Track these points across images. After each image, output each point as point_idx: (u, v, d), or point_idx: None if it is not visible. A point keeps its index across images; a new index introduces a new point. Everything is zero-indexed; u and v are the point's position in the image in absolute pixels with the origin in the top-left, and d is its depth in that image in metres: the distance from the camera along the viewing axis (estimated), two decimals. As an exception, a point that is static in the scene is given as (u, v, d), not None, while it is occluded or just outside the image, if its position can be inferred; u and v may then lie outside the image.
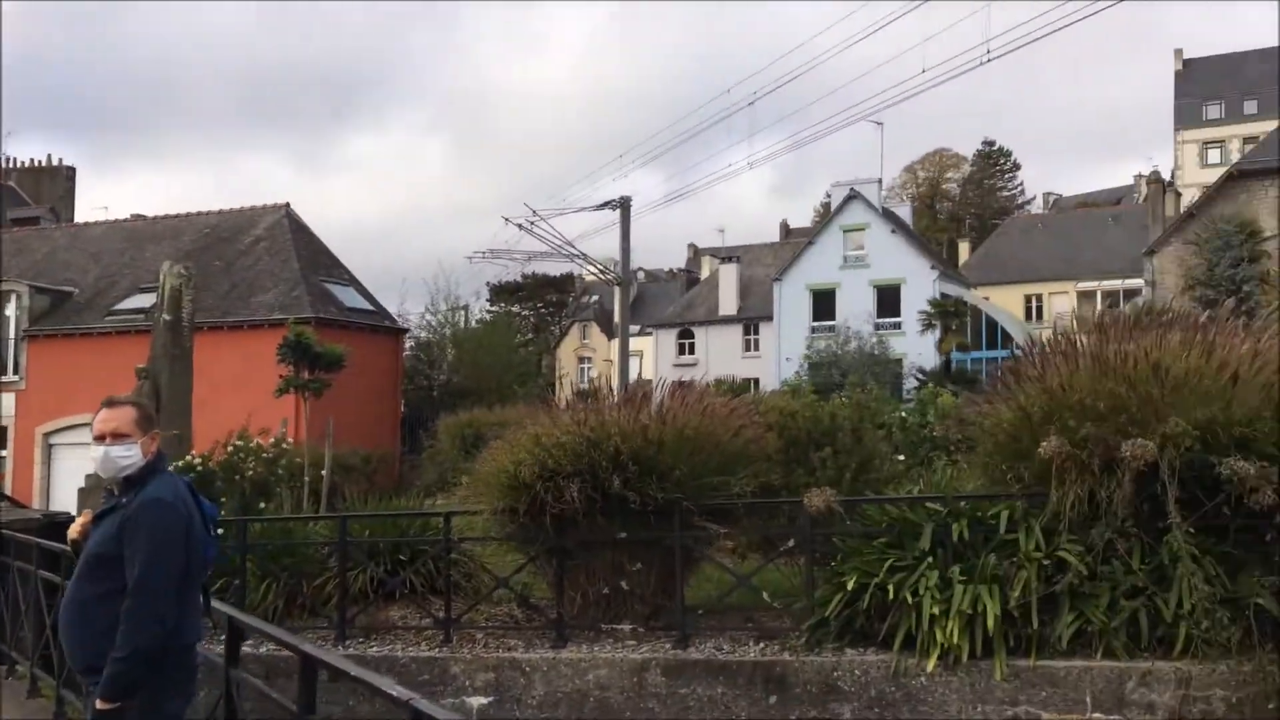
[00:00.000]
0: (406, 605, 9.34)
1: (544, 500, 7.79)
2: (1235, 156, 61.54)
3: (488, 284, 73.60)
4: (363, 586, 9.25)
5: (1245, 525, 6.36)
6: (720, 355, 58.54)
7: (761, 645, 7.65)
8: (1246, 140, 67.45)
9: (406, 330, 36.07)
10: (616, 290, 38.87)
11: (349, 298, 30.00)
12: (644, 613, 8.27)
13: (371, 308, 31.04)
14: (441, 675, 8.03)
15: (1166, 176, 59.80)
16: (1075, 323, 7.93)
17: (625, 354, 31.70)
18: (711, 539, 8.31)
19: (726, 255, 65.70)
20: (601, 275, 35.79)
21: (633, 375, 35.82)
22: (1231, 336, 6.94)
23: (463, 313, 42.37)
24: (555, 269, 76.32)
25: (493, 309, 69.12)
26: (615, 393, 9.43)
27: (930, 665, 6.76)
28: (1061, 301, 60.52)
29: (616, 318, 45.83)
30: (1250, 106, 76.29)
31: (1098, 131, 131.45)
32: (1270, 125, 53.53)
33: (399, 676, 8.03)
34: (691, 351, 62.17)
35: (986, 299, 56.05)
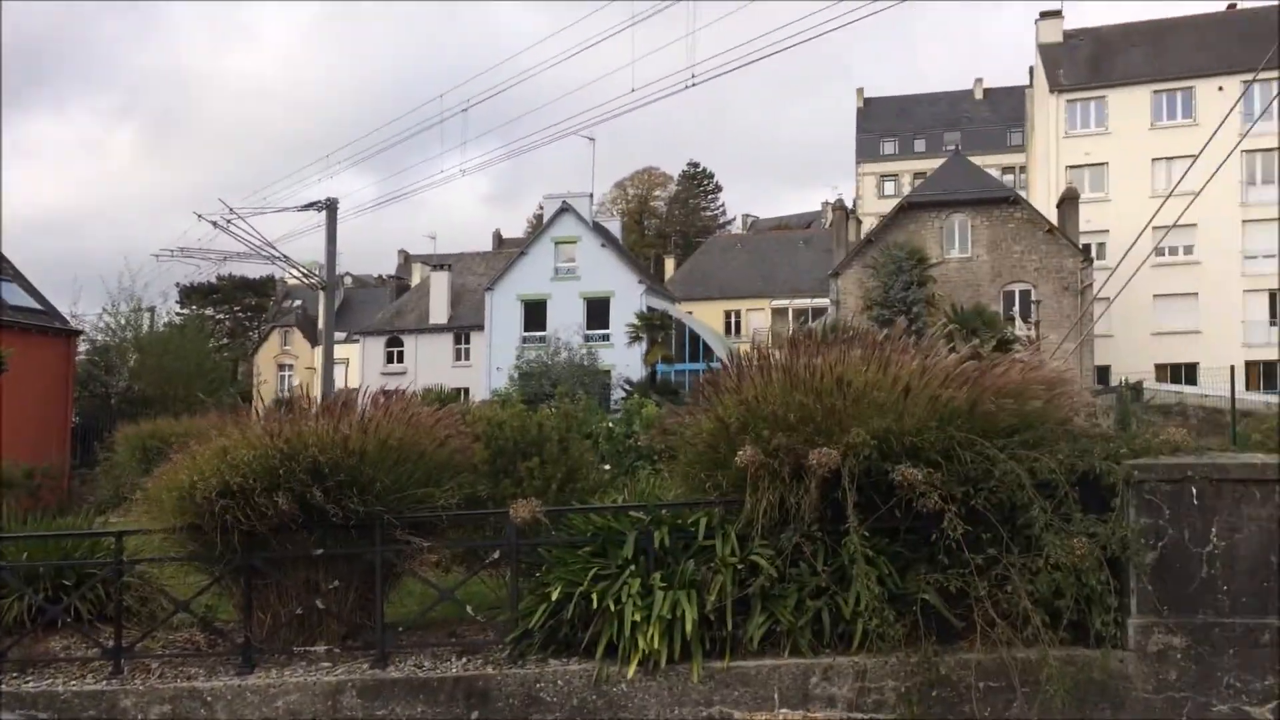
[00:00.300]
0: (71, 635, 8.44)
1: (231, 517, 7.28)
2: (907, 189, 67.75)
3: (177, 285, 68.86)
4: (19, 615, 8.27)
5: (913, 527, 6.88)
6: (430, 364, 57.70)
7: (464, 660, 7.50)
8: (916, 175, 74.55)
9: (80, 333, 32.99)
10: (321, 295, 37.35)
11: (12, 295, 27.08)
12: (340, 632, 7.90)
13: (39, 306, 28.16)
14: (110, 710, 7.30)
15: (849, 205, 64.84)
16: (769, 338, 8.34)
17: (329, 361, 30.54)
18: (414, 553, 8.06)
19: (438, 263, 64.89)
20: (305, 279, 34.27)
21: (338, 384, 34.54)
22: (904, 353, 7.49)
23: (148, 315, 39.31)
24: (255, 271, 72.55)
25: (183, 311, 64.69)
26: (316, 402, 8.94)
27: (631, 671, 6.85)
28: (758, 317, 64.26)
29: (321, 324, 44.01)
30: (920, 145, 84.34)
31: (792, 159, 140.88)
32: (936, 163, 59.36)
33: (59, 713, 7.25)
34: (400, 360, 60.84)
35: (690, 313, 58.48)
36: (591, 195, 59.08)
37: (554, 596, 7.12)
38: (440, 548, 8.38)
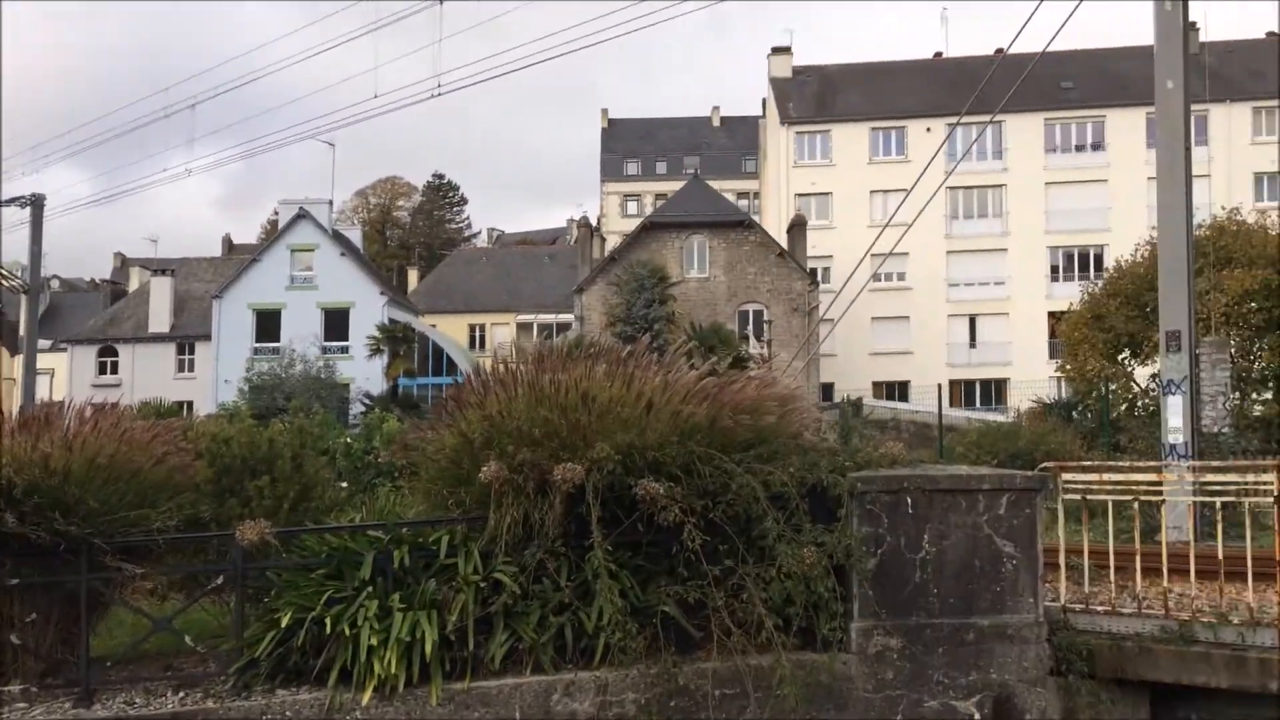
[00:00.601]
0: None
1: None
2: (650, 210, 69.69)
3: None
4: None
5: (655, 540, 7.01)
6: (149, 376, 53.97)
7: (182, 694, 6.95)
8: (658, 196, 76.75)
9: None
10: (24, 299, 34.09)
11: None
12: (39, 670, 7.13)
13: None
14: None
15: (594, 222, 66.00)
16: (514, 352, 8.27)
17: (31, 372, 27.92)
18: (126, 580, 7.41)
19: (160, 267, 60.82)
20: (4, 281, 31.14)
21: (41, 396, 31.62)
22: (647, 369, 7.63)
23: None
24: (-57, 270, 65.34)
25: None
26: (12, 416, 8.07)
27: (366, 698, 6.58)
28: (502, 331, 64.18)
29: (23, 330, 40.21)
30: (661, 167, 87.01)
31: (539, 175, 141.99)
32: (677, 185, 61.42)
33: None
34: (115, 371, 56.51)
35: (434, 326, 57.63)
36: (331, 202, 57.19)
37: (284, 622, 6.73)
38: (156, 574, 7.75)
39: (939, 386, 31.55)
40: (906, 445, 9.89)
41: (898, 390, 50.59)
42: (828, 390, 46.92)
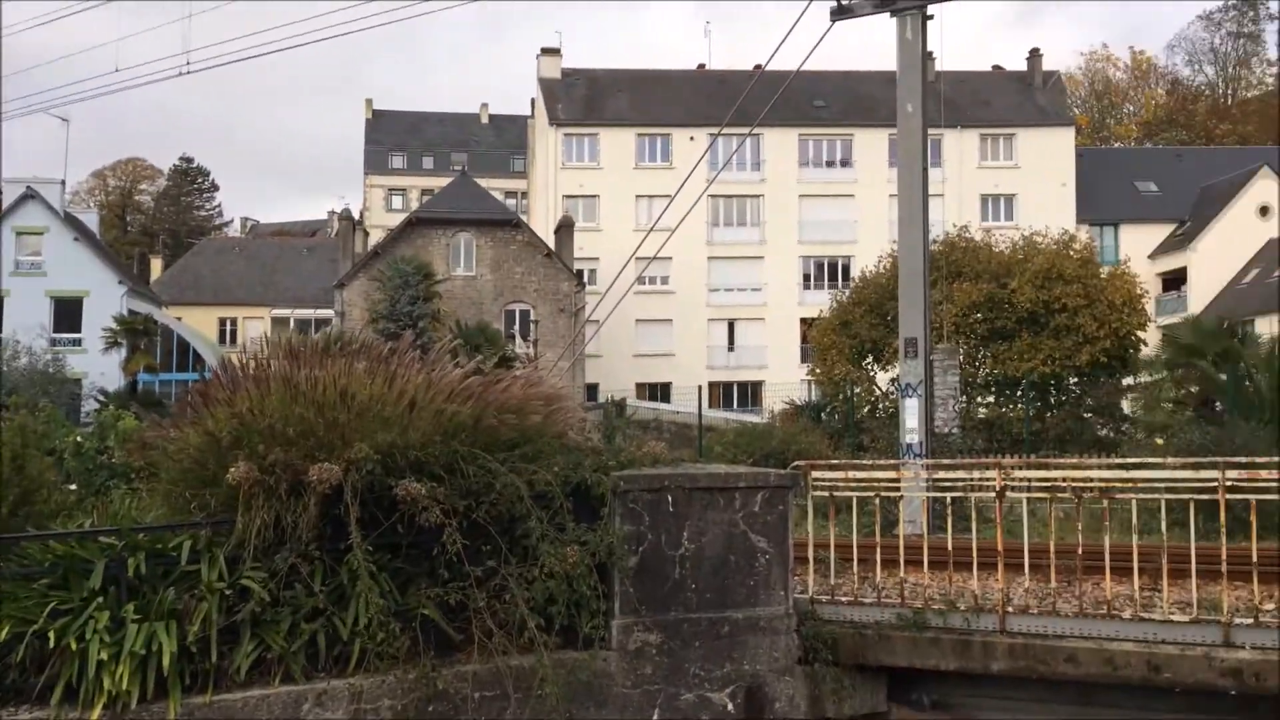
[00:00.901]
0: None
1: None
2: (415, 205, 68.38)
3: None
4: None
5: (416, 542, 6.84)
6: None
7: (-127, 724, 6.21)
8: (425, 192, 75.40)
9: None
10: None
11: None
12: None
13: None
14: None
15: (357, 215, 64.00)
16: (265, 345, 7.87)
17: None
18: None
19: None
20: None
21: None
22: (411, 367, 7.46)
23: None
24: None
25: None
26: None
27: (95, 716, 6.08)
28: (256, 326, 61.13)
29: None
30: (428, 162, 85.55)
31: (298, 164, 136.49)
32: (444, 181, 60.53)
33: None
34: None
35: (179, 319, 54.38)
36: (64, 183, 52.97)
37: (1, 637, 6.13)
38: None
39: (699, 388, 32.54)
40: (668, 445, 10.15)
41: (660, 391, 51.77)
42: (592, 390, 47.48)
